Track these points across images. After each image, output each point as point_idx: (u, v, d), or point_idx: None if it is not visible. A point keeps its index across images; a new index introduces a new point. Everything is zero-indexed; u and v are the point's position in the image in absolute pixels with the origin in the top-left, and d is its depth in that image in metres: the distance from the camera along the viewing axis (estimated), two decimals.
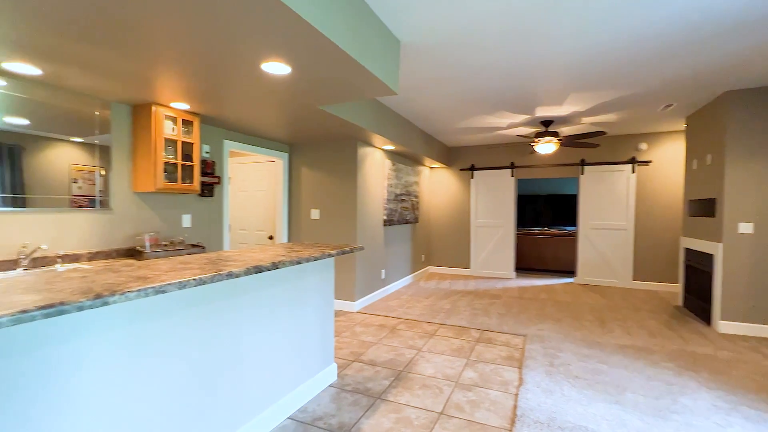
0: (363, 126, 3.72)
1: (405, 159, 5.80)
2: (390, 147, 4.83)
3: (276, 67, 2.14)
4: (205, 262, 1.71)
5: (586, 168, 5.97)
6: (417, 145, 5.22)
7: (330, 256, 2.18)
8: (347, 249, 2.37)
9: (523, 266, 7.28)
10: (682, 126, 5.12)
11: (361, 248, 2.53)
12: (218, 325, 1.69)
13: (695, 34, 2.47)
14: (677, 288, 5.46)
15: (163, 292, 1.22)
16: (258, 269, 1.62)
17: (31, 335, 1.08)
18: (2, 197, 2.27)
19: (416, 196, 6.19)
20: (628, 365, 2.88)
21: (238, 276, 1.51)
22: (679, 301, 4.68)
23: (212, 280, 1.40)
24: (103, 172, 2.79)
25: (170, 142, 3.02)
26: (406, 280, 5.93)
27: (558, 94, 3.75)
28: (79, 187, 2.66)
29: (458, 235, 6.88)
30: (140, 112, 2.91)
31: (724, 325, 3.67)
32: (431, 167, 7.02)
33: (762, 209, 3.53)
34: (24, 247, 2.32)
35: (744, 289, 3.61)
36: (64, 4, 1.50)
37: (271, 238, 4.84)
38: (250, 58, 2.04)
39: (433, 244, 7.09)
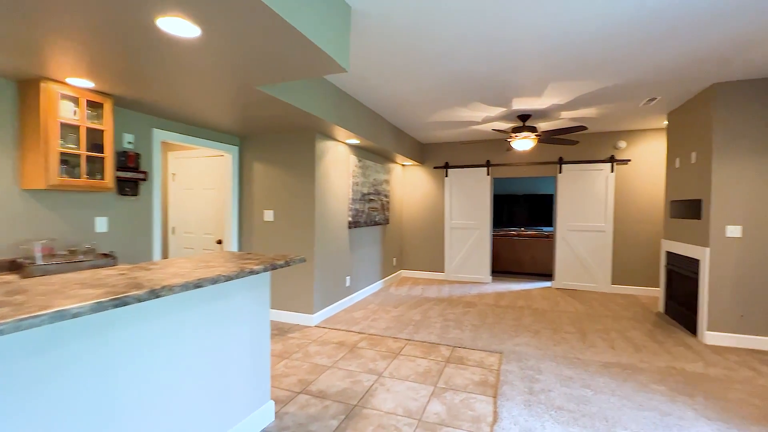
0: (320, 116, 3.23)
1: (373, 155, 5.34)
2: (355, 141, 4.36)
3: (178, 26, 1.63)
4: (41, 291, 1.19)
5: (564, 167, 5.69)
6: (386, 140, 4.77)
7: (253, 273, 1.69)
8: (281, 263, 1.88)
9: (500, 269, 6.97)
10: (663, 123, 4.89)
11: (302, 260, 2.05)
12: (80, 373, 1.18)
13: (688, 17, 2.13)
14: (657, 292, 5.24)
15: None
16: (118, 302, 1.12)
17: None
18: None
19: (386, 196, 5.74)
20: (616, 389, 2.53)
21: (64, 318, 1.01)
22: (660, 308, 4.44)
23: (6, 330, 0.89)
24: None
25: (71, 129, 2.44)
26: (376, 286, 5.48)
27: (536, 84, 3.38)
28: None
29: (432, 237, 6.49)
30: (27, 90, 2.32)
31: (710, 336, 3.40)
32: (403, 165, 6.59)
33: (751, 211, 3.28)
34: None
35: (732, 298, 3.35)
36: None
37: (219, 242, 4.27)
38: (139, 8, 1.52)
39: (406, 247, 6.67)
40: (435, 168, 6.43)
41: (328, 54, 1.94)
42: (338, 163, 4.34)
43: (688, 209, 3.81)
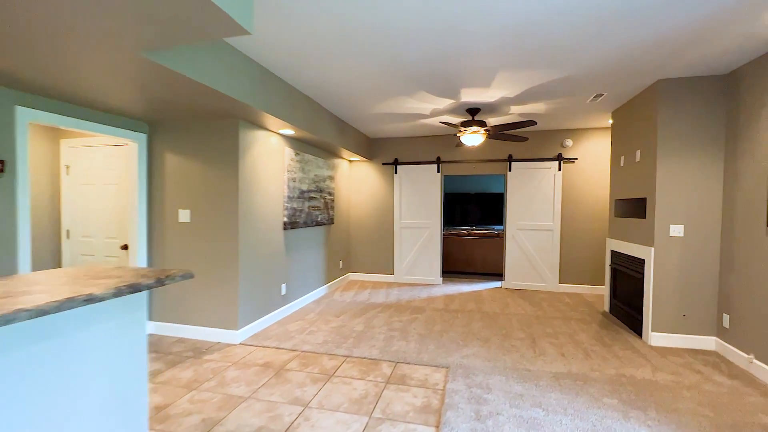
0: (240, 99, 2.72)
1: (314, 149, 4.87)
2: (289, 131, 3.86)
3: None
4: None
5: (514, 164, 5.57)
6: (327, 131, 4.32)
7: (92, 300, 1.19)
8: (150, 282, 1.38)
9: (451, 269, 6.78)
10: (608, 122, 4.90)
11: (188, 276, 1.56)
12: None
13: (636, 6, 1.93)
14: (601, 290, 5.28)
15: None
16: None
17: None
18: None
19: (331, 194, 5.29)
20: (568, 407, 2.30)
21: None
22: (606, 307, 4.41)
23: None
24: None
25: None
26: (319, 292, 5.02)
27: (485, 73, 3.11)
28: None
29: (381, 237, 6.13)
30: None
31: (655, 337, 3.34)
32: (350, 160, 6.17)
33: (692, 210, 3.25)
34: None
35: (675, 298, 3.31)
36: None
37: (125, 247, 3.59)
38: None
39: (354, 249, 6.26)
40: (384, 164, 6.07)
41: (218, 6, 1.47)
42: (270, 156, 3.83)
43: (632, 208, 3.76)
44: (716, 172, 3.19)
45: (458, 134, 4.29)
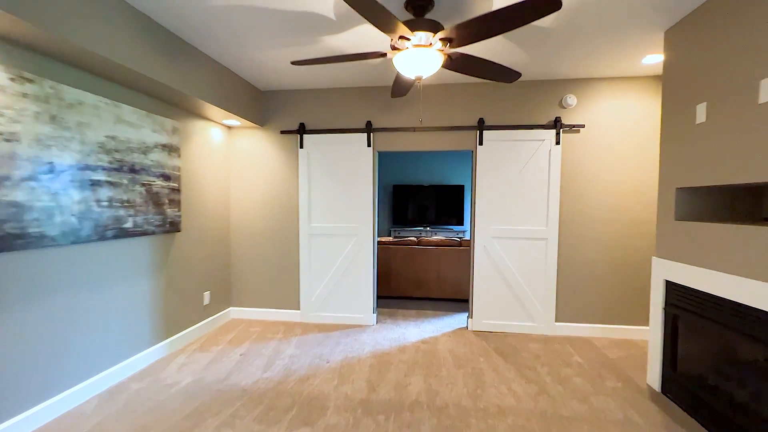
0: None
1: (117, 87, 2.45)
2: None
3: None
4: None
5: (487, 134, 3.51)
6: (110, 38, 1.96)
7: None
8: None
9: (392, 293, 4.63)
10: (640, 62, 2.95)
11: None
12: None
13: None
14: (619, 332, 3.38)
15: None
16: None
17: None
18: None
19: (169, 178, 2.91)
20: None
21: None
22: (654, 381, 2.46)
23: None
24: None
25: None
26: (134, 365, 2.64)
27: None
28: None
29: (280, 250, 3.84)
30: None
31: None
32: (227, 125, 3.79)
33: None
34: None
35: None
36: None
37: None
38: None
39: (238, 271, 3.91)
40: (283, 133, 3.77)
41: None
42: None
43: (735, 205, 1.80)
44: None
45: (391, 52, 2.10)
